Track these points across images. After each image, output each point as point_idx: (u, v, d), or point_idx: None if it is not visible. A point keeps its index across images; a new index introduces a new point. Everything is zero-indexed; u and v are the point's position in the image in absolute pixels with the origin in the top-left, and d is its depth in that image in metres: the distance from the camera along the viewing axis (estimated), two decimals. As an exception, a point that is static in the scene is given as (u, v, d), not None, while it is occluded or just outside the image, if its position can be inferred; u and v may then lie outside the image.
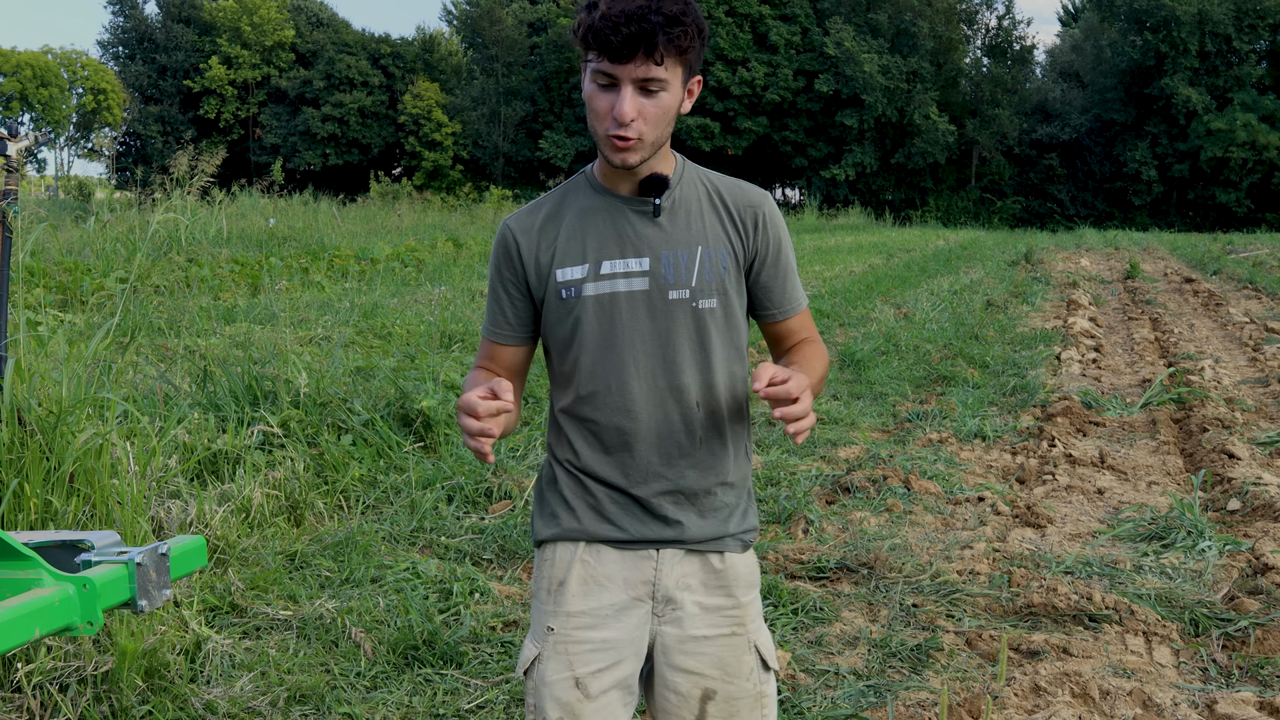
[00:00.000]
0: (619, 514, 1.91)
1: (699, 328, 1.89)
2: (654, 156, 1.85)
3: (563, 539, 1.94)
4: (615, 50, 1.70)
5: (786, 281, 1.96)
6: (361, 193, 36.57)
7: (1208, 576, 4.38)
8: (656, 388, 1.89)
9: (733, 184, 1.96)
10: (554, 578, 1.94)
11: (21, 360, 3.63)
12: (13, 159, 3.33)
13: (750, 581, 1.99)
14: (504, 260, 1.94)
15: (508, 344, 1.98)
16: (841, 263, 20.30)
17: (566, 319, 1.89)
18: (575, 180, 1.96)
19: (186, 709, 3.15)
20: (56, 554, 1.80)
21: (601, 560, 1.92)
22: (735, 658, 1.95)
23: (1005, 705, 3.28)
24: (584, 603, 1.91)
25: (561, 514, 1.94)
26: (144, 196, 21.07)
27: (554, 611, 1.93)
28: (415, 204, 30.49)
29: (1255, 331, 12.04)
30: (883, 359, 9.68)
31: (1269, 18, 53.07)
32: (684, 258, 1.88)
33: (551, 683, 1.91)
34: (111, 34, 64.21)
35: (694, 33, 1.75)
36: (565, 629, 1.91)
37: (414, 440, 5.91)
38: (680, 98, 1.82)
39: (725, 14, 56.19)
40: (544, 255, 1.90)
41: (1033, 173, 57.75)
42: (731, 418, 1.94)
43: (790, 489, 5.56)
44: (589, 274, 1.87)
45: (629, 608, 1.92)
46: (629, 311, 1.87)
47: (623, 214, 1.89)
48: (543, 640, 1.93)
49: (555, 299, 1.89)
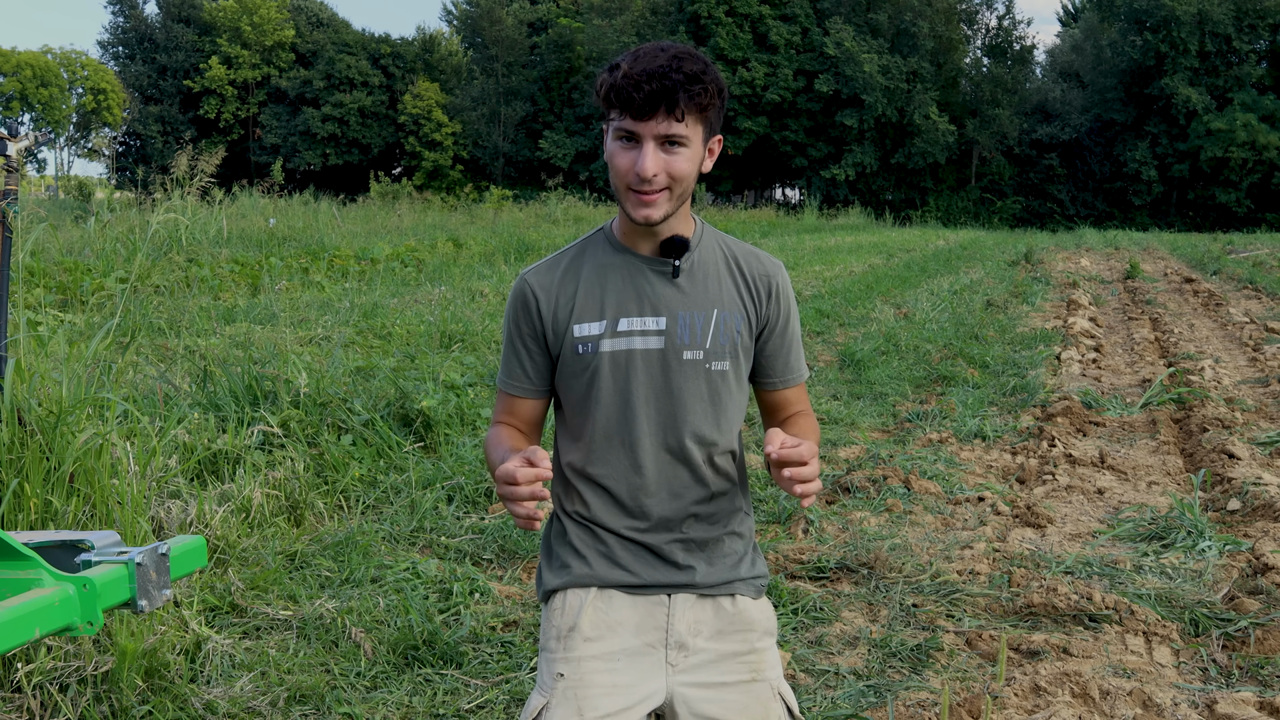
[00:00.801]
0: (630, 560, 1.93)
1: (711, 388, 1.92)
2: (675, 216, 1.87)
3: (573, 585, 1.94)
4: (638, 107, 1.74)
5: (791, 352, 2.00)
6: (361, 193, 36.61)
7: (1208, 576, 4.38)
8: (667, 445, 1.91)
9: (749, 251, 2.00)
10: (564, 624, 1.93)
11: (21, 360, 3.63)
12: (13, 159, 3.33)
13: (767, 629, 1.98)
14: (522, 314, 1.94)
15: (526, 397, 1.98)
16: (841, 263, 20.31)
17: (582, 374, 1.91)
18: (594, 236, 1.97)
19: (186, 709, 3.15)
20: (56, 554, 1.80)
21: (613, 605, 1.93)
22: (761, 706, 1.92)
23: (1005, 705, 3.28)
24: (596, 647, 1.90)
25: (572, 562, 1.95)
26: (144, 196, 21.08)
27: (564, 658, 1.90)
28: (415, 204, 30.51)
29: (1255, 331, 12.04)
30: (883, 359, 9.68)
31: (1269, 18, 53.09)
32: (700, 320, 1.90)
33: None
34: (111, 34, 64.27)
35: (714, 91, 1.79)
36: (576, 674, 1.89)
37: (414, 440, 5.91)
38: (701, 156, 1.85)
39: (725, 14, 56.21)
40: (561, 310, 1.91)
41: (1033, 173, 57.77)
42: (737, 475, 1.99)
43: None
44: (606, 330, 1.89)
45: (641, 654, 1.91)
46: (644, 369, 1.89)
47: (642, 273, 1.91)
48: (550, 689, 1.90)
49: (572, 354, 1.91)
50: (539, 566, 2.02)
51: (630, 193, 1.80)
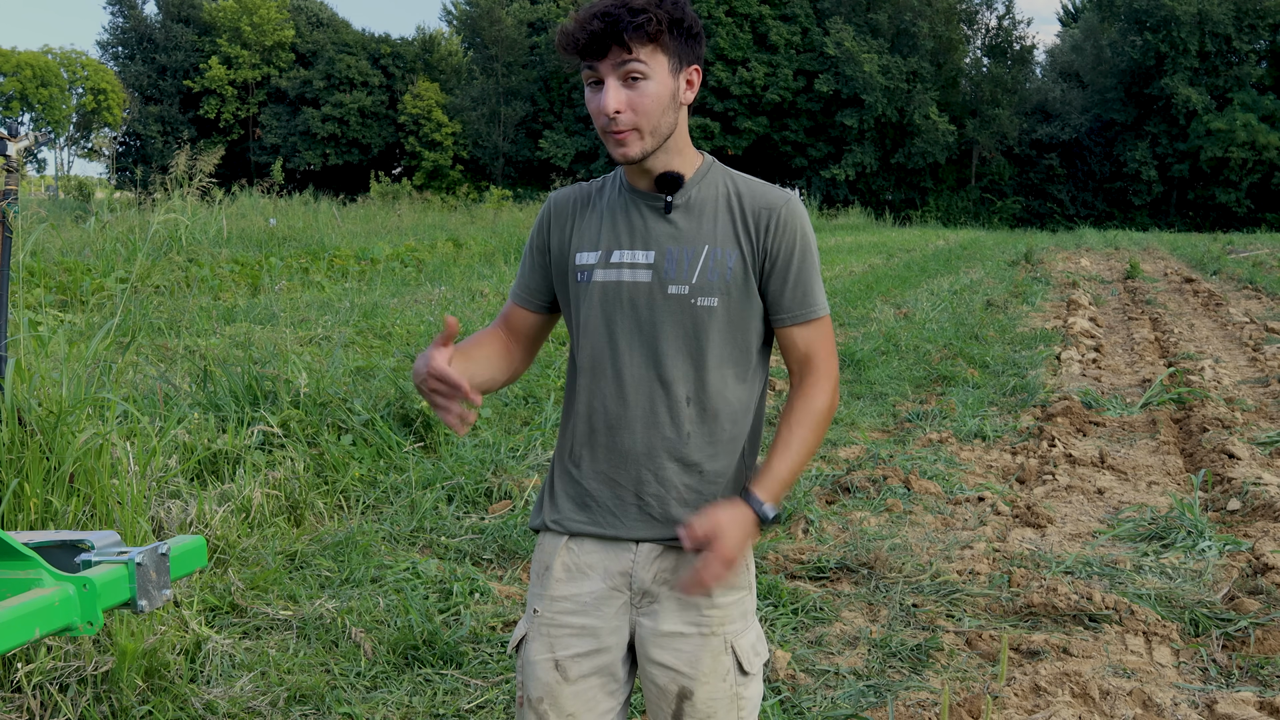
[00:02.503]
0: (600, 510, 1.95)
1: (695, 324, 1.89)
2: (663, 151, 1.88)
3: (548, 530, 2.02)
4: (585, 47, 1.80)
5: (796, 285, 1.92)
6: (361, 193, 36.58)
7: (1208, 576, 4.38)
8: (647, 377, 1.92)
9: (755, 186, 1.97)
10: (541, 562, 2.02)
11: (22, 360, 3.63)
12: (13, 159, 3.33)
13: (731, 584, 1.95)
14: (539, 228, 2.04)
15: (521, 306, 2.06)
16: (841, 263, 20.30)
17: (578, 301, 1.96)
18: (614, 173, 2.03)
19: (186, 709, 3.15)
20: (56, 554, 1.80)
21: (584, 549, 1.97)
22: (711, 658, 1.94)
23: (1005, 705, 3.28)
24: (566, 588, 1.97)
25: (551, 505, 2.02)
26: (144, 196, 21.07)
27: (539, 595, 2.00)
28: (415, 204, 30.49)
29: (1255, 331, 12.04)
30: (883, 359, 9.68)
31: (1269, 18, 53.07)
32: (689, 255, 1.90)
33: (534, 662, 1.98)
34: (111, 34, 64.23)
35: (661, 18, 1.79)
36: (548, 612, 1.98)
37: (414, 440, 5.91)
38: (672, 86, 1.84)
39: (725, 14, 56.19)
40: (568, 236, 2.00)
41: (1033, 173, 57.75)
42: (728, 420, 1.94)
43: (790, 489, 5.56)
44: (600, 260, 1.93)
45: (608, 597, 1.95)
46: (630, 301, 1.91)
47: (637, 208, 1.94)
48: (530, 620, 2.01)
49: (573, 281, 1.97)
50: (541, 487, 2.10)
51: (607, 135, 1.84)
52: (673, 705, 1.95)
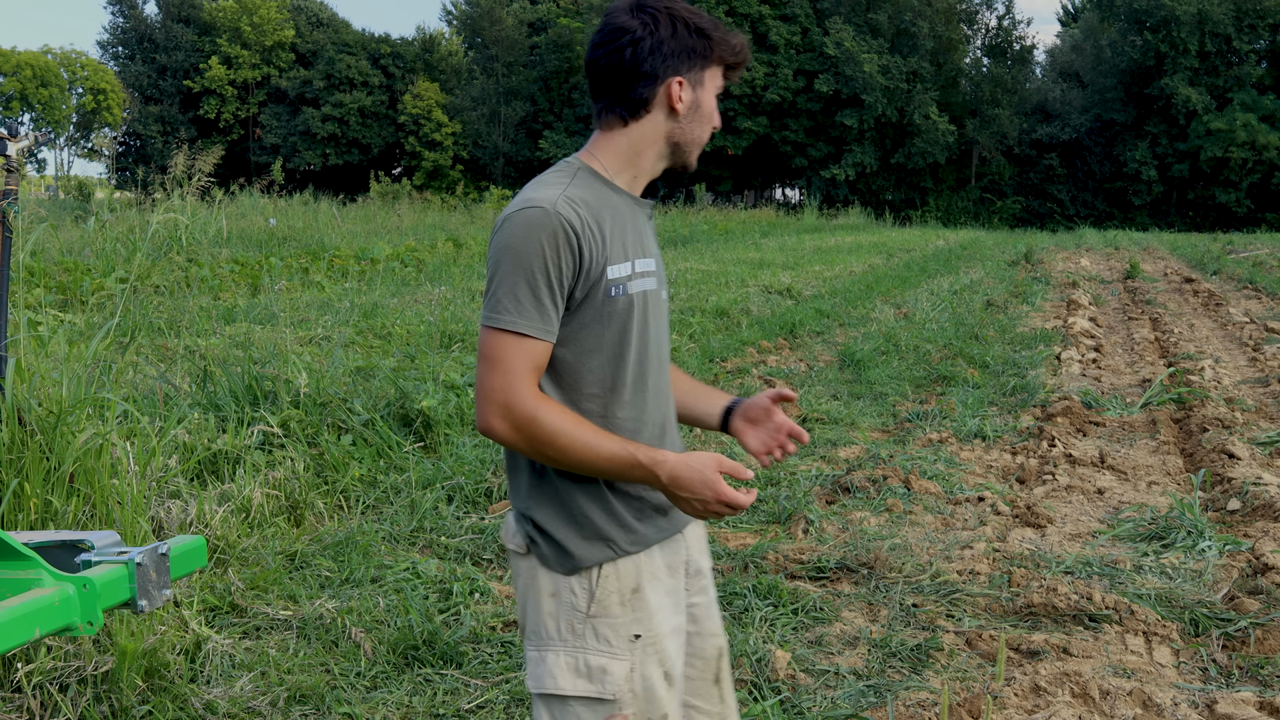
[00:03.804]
0: (662, 515, 1.99)
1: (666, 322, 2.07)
2: None
3: (622, 557, 1.94)
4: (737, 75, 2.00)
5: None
6: (361, 193, 36.58)
7: (1208, 576, 4.38)
8: (665, 381, 2.05)
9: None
10: (625, 588, 1.93)
11: (22, 360, 3.63)
12: (13, 159, 3.33)
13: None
14: (565, 251, 1.81)
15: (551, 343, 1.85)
16: (841, 263, 20.30)
17: (613, 318, 1.88)
18: (583, 172, 1.93)
19: (186, 709, 3.15)
20: (56, 554, 1.80)
21: (652, 558, 1.99)
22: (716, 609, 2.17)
23: (1005, 705, 3.28)
24: (658, 600, 1.97)
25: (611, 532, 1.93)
26: (144, 196, 21.07)
27: (636, 619, 1.93)
28: (415, 204, 30.49)
29: (1255, 331, 12.04)
30: (883, 359, 9.68)
31: (1269, 18, 53.05)
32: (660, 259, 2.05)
33: (655, 685, 1.93)
34: (111, 34, 64.22)
35: None
36: (650, 630, 1.94)
37: (414, 440, 5.91)
38: None
39: (725, 14, 56.13)
40: (597, 251, 1.85)
41: (1033, 173, 57.73)
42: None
43: (790, 489, 5.56)
44: (630, 272, 1.91)
45: (677, 590, 2.03)
46: (654, 309, 1.98)
47: (639, 215, 1.99)
48: (631, 650, 1.91)
49: (604, 297, 1.86)
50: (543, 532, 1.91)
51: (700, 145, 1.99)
52: (714, 668, 2.10)
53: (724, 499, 1.84)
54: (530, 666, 1.95)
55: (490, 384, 1.81)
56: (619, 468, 1.84)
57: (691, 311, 11.58)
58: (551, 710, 1.92)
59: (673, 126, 1.95)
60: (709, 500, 1.85)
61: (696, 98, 1.94)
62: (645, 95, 1.92)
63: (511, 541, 1.98)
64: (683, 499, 1.86)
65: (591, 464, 1.83)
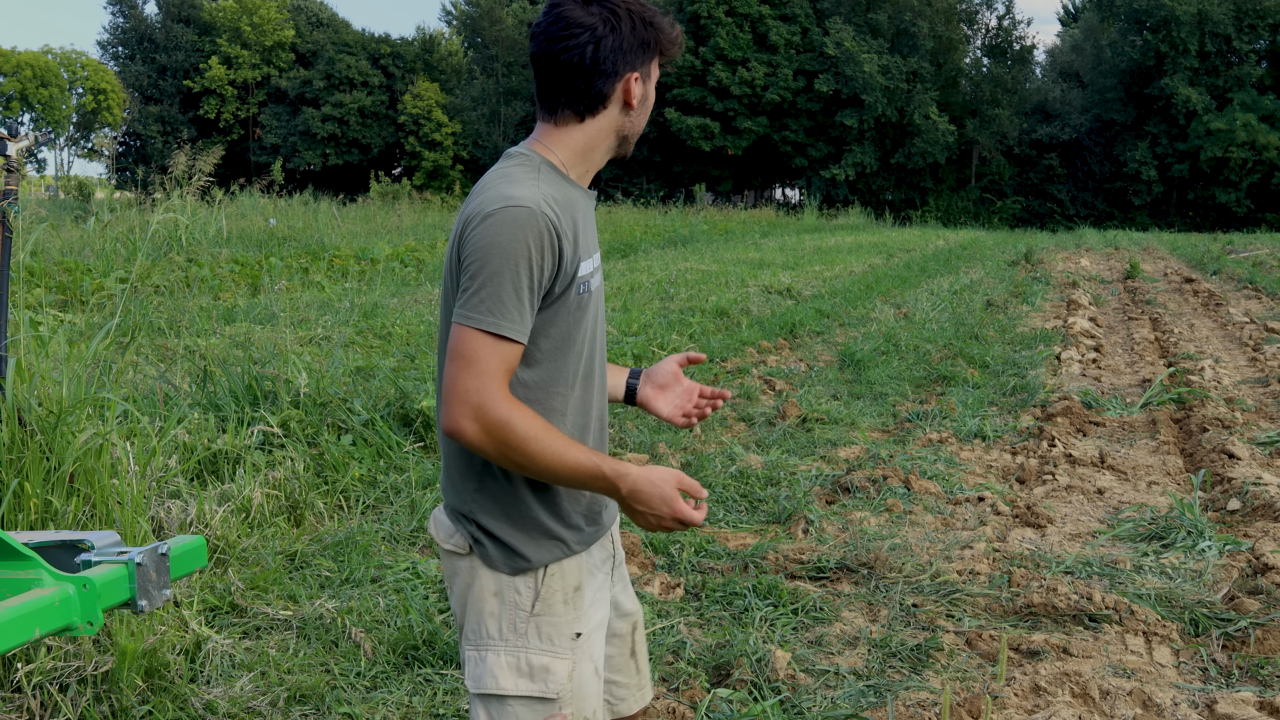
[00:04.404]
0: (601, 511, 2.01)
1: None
2: None
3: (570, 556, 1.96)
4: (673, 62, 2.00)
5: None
6: (361, 193, 36.59)
7: (1208, 576, 4.38)
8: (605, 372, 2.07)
9: None
10: (568, 586, 1.94)
11: (22, 360, 3.63)
12: (13, 159, 3.33)
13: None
14: (548, 253, 1.78)
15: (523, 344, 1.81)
16: (841, 263, 20.29)
17: (577, 313, 1.88)
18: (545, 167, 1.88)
19: (186, 709, 3.15)
20: (56, 554, 1.80)
21: (591, 554, 2.03)
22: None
23: (1005, 705, 3.28)
24: (591, 595, 2.00)
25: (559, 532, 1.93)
26: (144, 196, 21.07)
27: (577, 617, 1.94)
28: (415, 204, 30.50)
29: (1255, 331, 12.04)
30: (883, 359, 9.68)
31: (1269, 18, 53.05)
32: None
33: (587, 681, 1.94)
34: (111, 34, 64.25)
35: None
36: (588, 627, 1.97)
37: (414, 440, 5.91)
38: None
39: (725, 14, 56.16)
40: (571, 250, 1.83)
41: (1033, 173, 57.73)
42: None
43: (790, 489, 5.56)
44: (592, 268, 1.93)
45: (604, 585, 2.06)
46: (600, 303, 2.00)
47: (590, 209, 1.98)
48: (572, 649, 1.92)
49: (574, 294, 1.86)
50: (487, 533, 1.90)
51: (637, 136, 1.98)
52: (630, 643, 2.16)
53: (679, 516, 1.87)
54: (469, 667, 1.92)
55: (464, 384, 1.75)
56: (582, 478, 1.82)
57: (691, 311, 11.58)
58: (490, 710, 1.89)
59: (624, 120, 1.94)
60: (664, 516, 1.87)
61: (646, 91, 1.95)
62: (605, 92, 1.89)
63: (448, 542, 1.94)
64: (639, 513, 1.87)
65: (557, 472, 1.80)
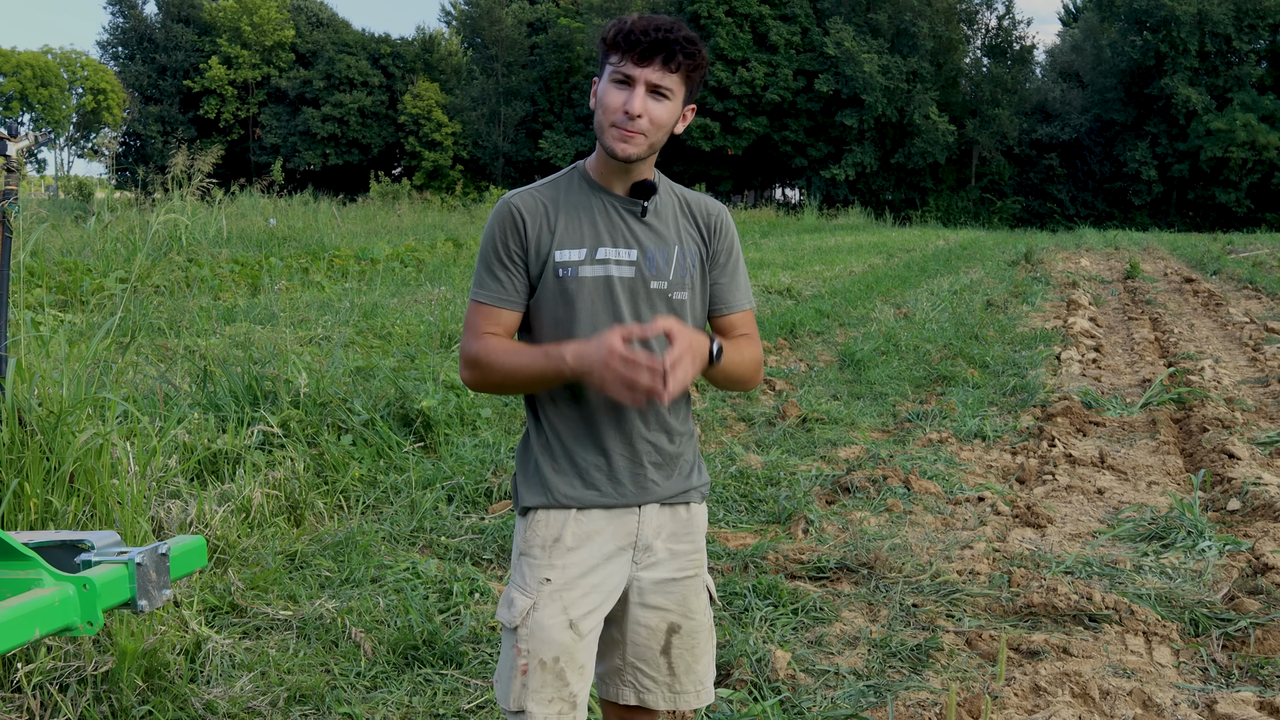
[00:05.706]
0: (603, 481, 2.16)
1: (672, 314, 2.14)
2: (645, 162, 2.12)
3: (554, 507, 2.16)
4: (640, 51, 2.00)
5: (734, 281, 2.25)
6: (361, 193, 36.60)
7: (1208, 576, 4.38)
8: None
9: (697, 196, 2.31)
10: (548, 535, 2.16)
11: (22, 360, 3.63)
12: (13, 159, 3.33)
13: (704, 529, 2.31)
14: (510, 233, 2.12)
15: (512, 310, 2.14)
16: (841, 263, 20.30)
17: (562, 296, 2.11)
18: (568, 176, 2.19)
19: (186, 709, 3.15)
20: (56, 554, 1.80)
21: (590, 519, 2.17)
22: (695, 596, 2.28)
23: (1005, 705, 3.28)
24: (578, 555, 2.15)
25: (552, 482, 2.16)
26: (144, 196, 21.07)
27: (550, 564, 2.14)
28: (415, 204, 30.51)
29: (1255, 331, 12.04)
30: (883, 359, 9.68)
31: (1269, 18, 53.07)
32: (664, 254, 2.16)
33: (548, 626, 2.12)
34: (111, 34, 64.26)
35: (702, 59, 2.08)
36: (562, 578, 2.14)
37: (414, 440, 5.91)
38: (677, 114, 2.10)
39: (725, 14, 56.19)
40: (544, 236, 2.11)
41: (1033, 173, 57.75)
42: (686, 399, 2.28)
43: (790, 489, 5.56)
44: (586, 257, 2.11)
45: (615, 556, 2.18)
46: (621, 293, 2.12)
47: (616, 210, 2.15)
48: (537, 591, 2.14)
49: (552, 277, 2.11)
50: (515, 474, 2.23)
51: (614, 129, 2.04)
52: (662, 640, 2.26)
53: (620, 353, 1.90)
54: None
55: (461, 345, 2.16)
56: (540, 369, 2.04)
57: (691, 311, 11.57)
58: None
59: (598, 119, 2.09)
60: (609, 361, 1.91)
61: (601, 88, 2.08)
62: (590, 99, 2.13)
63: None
64: (594, 375, 1.95)
65: (521, 374, 2.07)
